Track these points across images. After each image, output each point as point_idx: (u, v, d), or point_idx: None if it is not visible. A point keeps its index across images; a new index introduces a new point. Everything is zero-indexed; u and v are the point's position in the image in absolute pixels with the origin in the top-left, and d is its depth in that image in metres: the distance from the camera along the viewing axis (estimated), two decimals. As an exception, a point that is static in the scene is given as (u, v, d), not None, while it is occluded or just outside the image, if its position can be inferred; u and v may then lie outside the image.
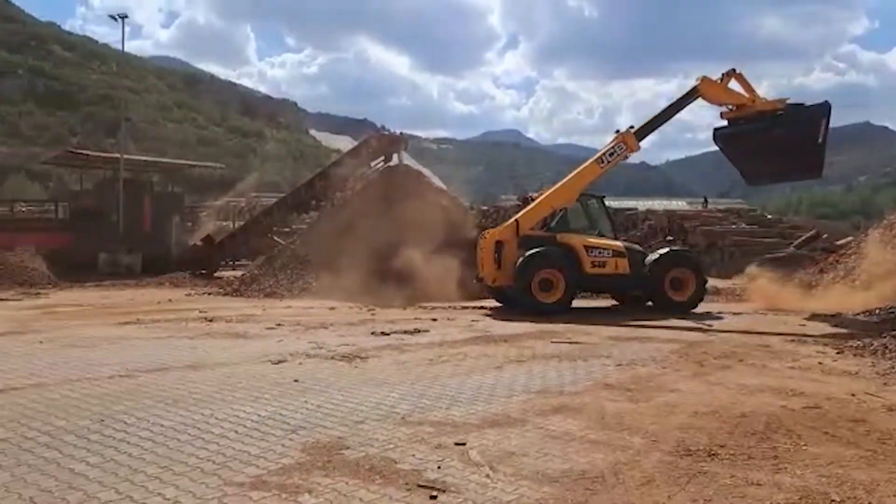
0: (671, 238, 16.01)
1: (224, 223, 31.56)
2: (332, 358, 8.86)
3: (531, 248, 13.58)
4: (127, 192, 24.78)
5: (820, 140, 14.13)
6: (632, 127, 14.80)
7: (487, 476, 4.65)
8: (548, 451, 5.18)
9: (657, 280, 13.96)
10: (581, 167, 14.92)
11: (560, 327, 11.54)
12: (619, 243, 14.42)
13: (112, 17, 26.72)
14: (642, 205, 46.16)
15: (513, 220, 14.43)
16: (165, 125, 79.56)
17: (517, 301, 13.71)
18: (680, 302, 13.91)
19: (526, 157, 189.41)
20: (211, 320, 12.54)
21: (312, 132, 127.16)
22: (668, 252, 14.55)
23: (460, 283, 15.70)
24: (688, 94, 14.70)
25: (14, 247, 20.88)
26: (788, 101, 14.56)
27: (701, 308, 14.07)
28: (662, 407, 6.47)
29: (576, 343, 10.00)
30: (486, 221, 20.57)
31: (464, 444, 5.31)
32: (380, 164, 21.70)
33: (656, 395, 6.91)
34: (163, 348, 9.69)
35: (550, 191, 14.75)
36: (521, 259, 13.52)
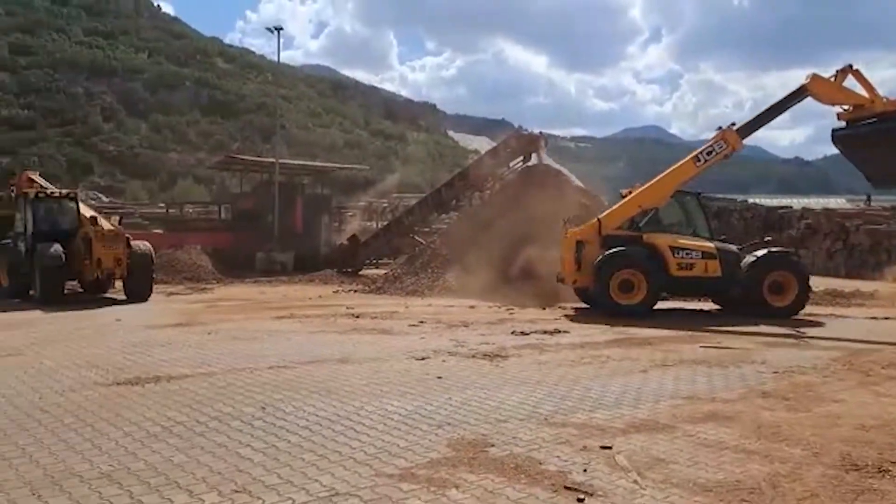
0: (769, 238, 14.52)
1: (368, 223, 32.80)
2: (474, 356, 8.99)
3: (613, 248, 13.15)
4: (281, 195, 26.27)
5: None
6: (733, 124, 13.95)
7: (636, 482, 4.57)
8: (699, 460, 5.01)
9: (755, 284, 13.09)
10: (676, 165, 14.16)
11: (708, 331, 11.08)
12: (710, 244, 13.55)
13: (268, 29, 28.41)
14: (798, 203, 43.32)
15: (595, 219, 13.95)
16: (315, 130, 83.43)
17: (596, 302, 13.38)
18: (779, 307, 12.97)
19: (668, 153, 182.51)
20: (357, 316, 13.05)
21: (451, 133, 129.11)
22: (766, 254, 13.57)
23: None
24: (795, 92, 13.67)
25: (183, 245, 22.76)
26: None
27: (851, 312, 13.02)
28: (824, 418, 6.07)
29: (726, 348, 9.56)
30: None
31: (610, 448, 5.24)
32: (519, 164, 21.72)
33: (817, 406, 6.49)
34: (315, 342, 10.22)
35: (640, 189, 14.13)
36: (599, 259, 13.13)
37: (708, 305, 14.91)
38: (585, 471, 4.79)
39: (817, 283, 17.18)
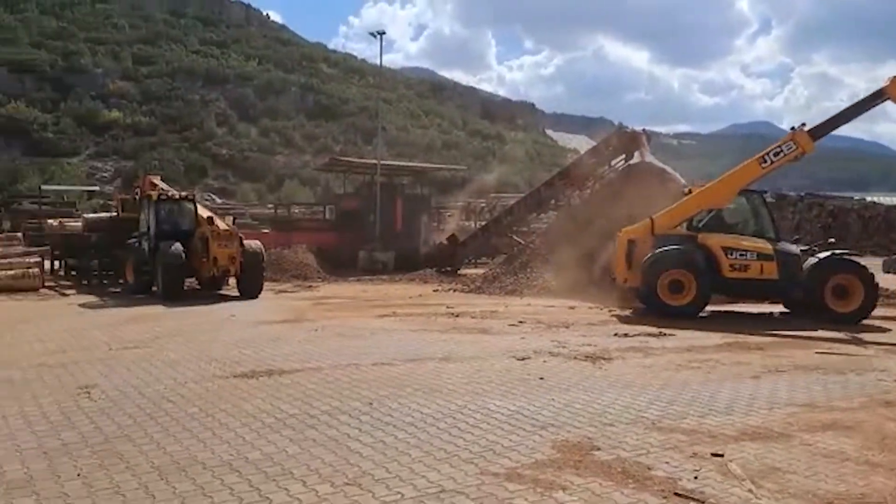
0: (833, 240, 13.51)
1: (466, 223, 32.99)
2: (576, 358, 8.91)
3: (664, 248, 12.82)
4: (382, 195, 26.82)
5: None
6: (804, 125, 13.28)
7: (750, 491, 4.43)
8: (818, 470, 4.80)
9: (816, 287, 12.46)
10: (739, 166, 13.70)
11: (824, 335, 10.54)
12: (766, 245, 12.96)
13: (371, 34, 29.02)
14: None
15: (648, 218, 13.57)
16: (414, 131, 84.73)
17: (644, 301, 13.08)
18: (843, 313, 12.28)
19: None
20: (457, 315, 13.17)
21: (549, 132, 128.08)
22: (829, 256, 12.89)
23: None
24: (874, 94, 13.13)
25: (290, 244, 23.62)
26: None
27: None
28: (958, 432, 5.67)
29: (844, 354, 9.08)
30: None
31: (721, 456, 5.09)
32: (620, 163, 21.29)
33: (949, 419, 6.07)
34: (417, 340, 10.39)
35: (701, 189, 13.67)
36: (647, 258, 12.83)
37: (771, 308, 14.31)
38: (696, 478, 4.67)
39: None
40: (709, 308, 13.31)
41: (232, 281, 17.13)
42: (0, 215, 33.50)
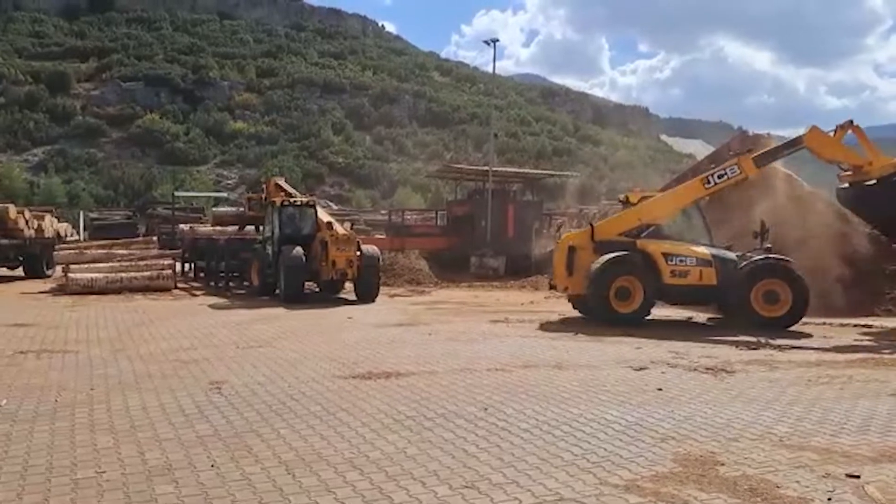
0: (770, 246, 12.41)
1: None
2: (696, 369, 8.62)
3: (606, 254, 12.57)
4: (493, 201, 26.91)
5: None
6: (750, 151, 13.18)
7: (891, 516, 4.15)
8: (970, 500, 4.43)
9: (745, 292, 12.26)
10: (683, 184, 13.71)
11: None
12: (705, 251, 12.73)
13: (485, 42, 29.32)
14: None
15: (588, 226, 13.39)
16: (525, 137, 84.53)
17: (594, 310, 12.75)
18: (770, 318, 12.14)
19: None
20: (568, 322, 13.03)
21: (663, 137, 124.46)
22: (760, 261, 12.50)
23: (840, 296, 14.03)
24: (793, 141, 13.30)
25: (404, 249, 24.12)
26: None
27: None
28: None
29: None
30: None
31: (858, 477, 4.80)
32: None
33: None
34: (529, 346, 10.36)
35: (643, 204, 13.31)
36: (598, 265, 12.47)
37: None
38: (829, 500, 4.43)
39: None
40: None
41: (349, 285, 17.62)
42: (137, 220, 36.09)
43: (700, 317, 14.06)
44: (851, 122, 13.27)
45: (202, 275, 21.35)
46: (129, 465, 4.97)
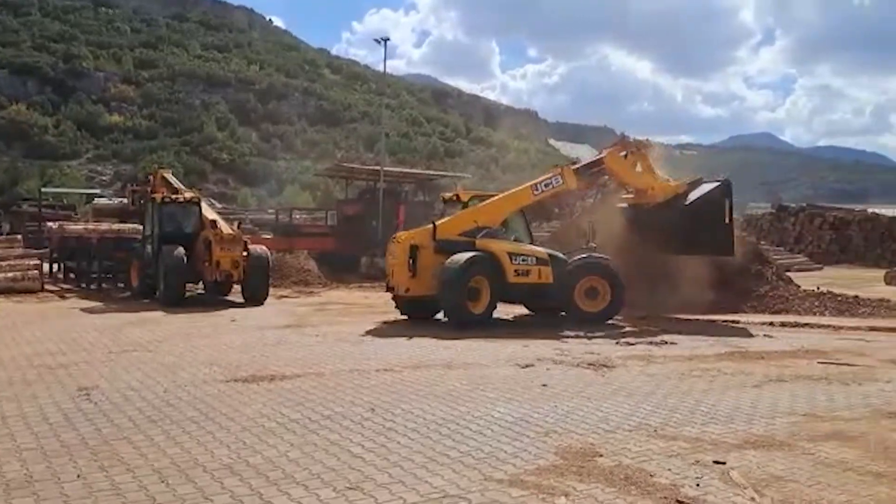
0: (594, 245, 13.90)
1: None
2: (579, 365, 8.89)
3: (451, 254, 12.50)
4: (385, 201, 26.83)
5: (727, 220, 13.95)
6: (574, 163, 14.30)
7: (752, 499, 4.41)
8: (821, 480, 4.79)
9: (570, 289, 12.97)
10: (514, 189, 14.38)
11: (828, 347, 10.53)
12: (542, 250, 13.31)
13: (376, 40, 29.26)
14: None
15: (430, 225, 13.40)
16: (416, 138, 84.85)
17: (448, 311, 12.63)
18: (591, 312, 12.97)
19: (780, 161, 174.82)
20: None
21: (551, 141, 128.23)
22: (582, 259, 13.29)
23: (711, 294, 14.88)
24: (597, 161, 14.30)
25: (293, 249, 23.59)
26: (687, 183, 14.40)
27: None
28: (961, 444, 5.66)
29: (847, 365, 9.05)
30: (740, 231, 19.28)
31: (723, 464, 5.08)
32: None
33: (953, 430, 6.05)
34: (420, 347, 10.37)
35: (477, 207, 13.80)
36: (455, 265, 12.28)
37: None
38: (698, 485, 4.66)
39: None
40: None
41: (237, 286, 16.98)
42: (1, 217, 33.54)
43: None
44: (639, 147, 14.70)
45: (72, 276, 20.11)
46: (-17, 480, 4.59)
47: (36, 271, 17.88)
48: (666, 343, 10.77)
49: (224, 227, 16.45)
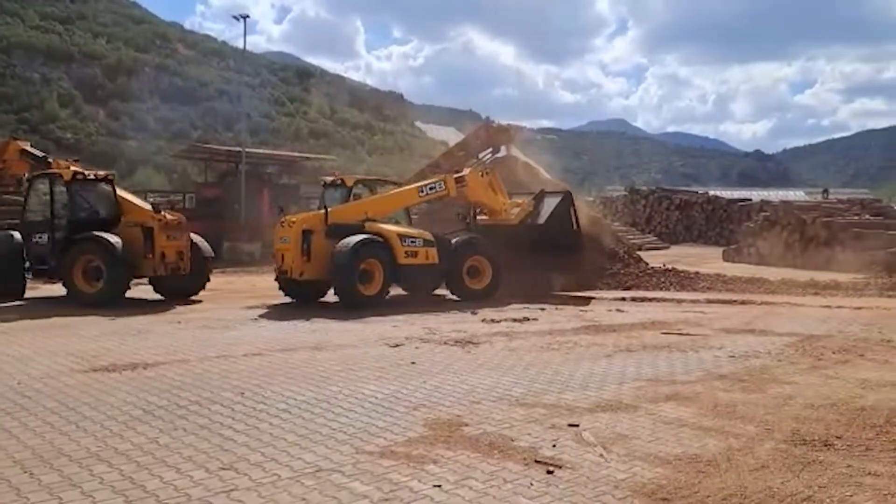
0: (469, 223, 15.41)
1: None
2: (446, 343, 9.24)
3: (341, 238, 12.81)
4: (248, 184, 26.19)
5: (575, 227, 15.25)
6: (458, 171, 15.36)
7: (601, 456, 4.87)
8: (660, 436, 5.34)
9: (457, 268, 14.00)
10: (402, 188, 15.50)
11: (671, 318, 11.51)
12: (427, 233, 13.97)
13: (235, 17, 28.42)
14: (757, 195, 44.49)
15: (321, 210, 13.82)
16: (279, 118, 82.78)
17: (340, 295, 12.81)
18: (475, 290, 14.09)
19: (633, 146, 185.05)
20: (328, 304, 13.20)
21: (418, 124, 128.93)
22: (464, 239, 14.38)
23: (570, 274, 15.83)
24: (461, 178, 14.96)
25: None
26: (532, 199, 15.38)
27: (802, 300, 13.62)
28: (777, 398, 6.46)
29: (686, 335, 9.97)
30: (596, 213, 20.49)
31: (577, 426, 5.54)
32: (488, 156, 21.95)
33: (771, 387, 6.88)
34: (287, 330, 10.38)
35: (367, 200, 14.69)
36: (345, 249, 12.56)
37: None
38: (555, 446, 5.08)
39: (774, 273, 17.87)
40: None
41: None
42: None
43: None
44: (492, 169, 16.23)
45: None
46: None
47: None
48: (528, 320, 11.36)
49: (166, 213, 14.35)
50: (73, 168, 14.41)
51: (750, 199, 38.89)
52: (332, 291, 13.11)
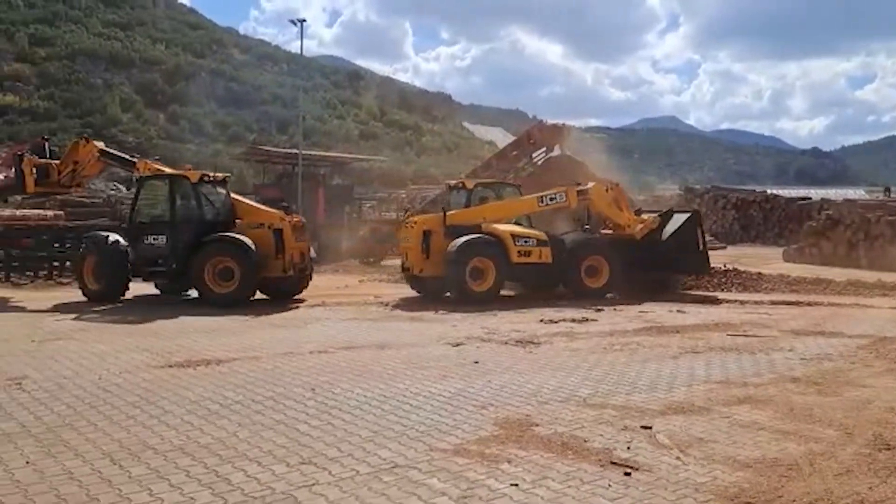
0: (587, 227, 15.35)
1: (386, 214, 33.05)
2: (507, 343, 9.25)
3: (458, 237, 13.62)
4: (303, 185, 26.60)
5: (700, 247, 15.13)
6: (579, 184, 15.29)
7: (678, 458, 4.82)
8: (737, 439, 5.25)
9: (574, 268, 14.20)
10: (523, 198, 15.52)
11: (735, 320, 11.29)
12: (541, 233, 14.42)
13: (292, 21, 28.86)
14: (815, 193, 43.30)
15: (441, 212, 14.59)
16: (331, 121, 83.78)
17: (452, 289, 13.63)
18: (595, 288, 14.24)
19: (685, 144, 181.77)
20: (386, 304, 13.35)
21: (465, 124, 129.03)
22: (583, 239, 14.71)
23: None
24: (581, 192, 14.97)
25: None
26: (658, 216, 15.40)
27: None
28: (854, 402, 6.28)
29: (754, 336, 9.77)
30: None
31: (650, 428, 5.49)
32: (541, 156, 21.90)
33: (846, 390, 6.71)
34: (351, 329, 10.53)
35: (486, 206, 15.20)
36: (455, 247, 13.43)
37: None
38: (629, 448, 5.04)
39: (839, 274, 17.35)
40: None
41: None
42: None
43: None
44: (617, 184, 15.80)
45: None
46: (-74, 470, 4.49)
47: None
48: (587, 320, 11.28)
49: (293, 215, 14.61)
50: (155, 167, 14.79)
51: (809, 198, 37.86)
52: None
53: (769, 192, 40.24)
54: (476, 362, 7.99)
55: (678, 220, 15.42)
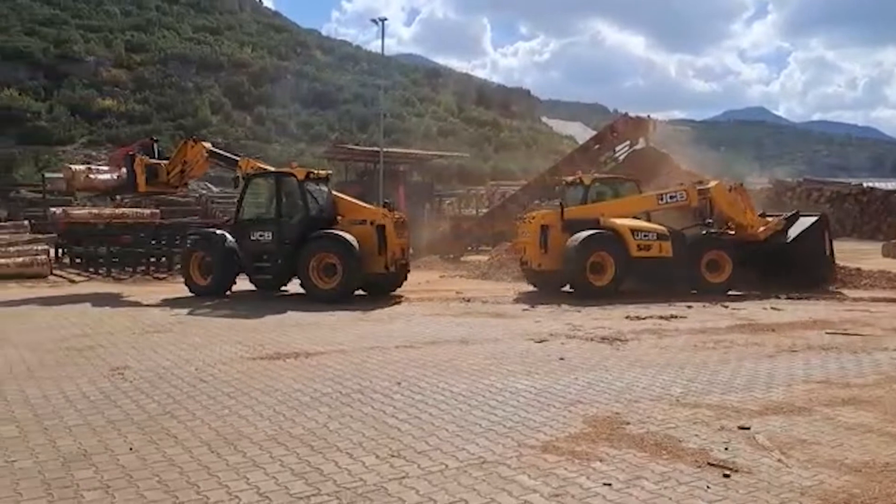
0: (710, 221, 14.76)
1: (466, 210, 33.12)
2: (592, 340, 9.08)
3: (576, 231, 13.78)
4: (385, 182, 26.93)
5: (827, 253, 14.76)
6: (700, 182, 15.12)
7: (780, 461, 4.61)
8: (842, 442, 4.99)
9: (695, 262, 14.02)
10: (642, 195, 15.47)
11: (834, 317, 10.76)
12: (661, 227, 14.30)
13: (373, 20, 29.24)
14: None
15: (559, 208, 14.64)
16: (409, 118, 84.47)
17: (572, 283, 13.89)
18: (714, 283, 14.00)
19: (774, 135, 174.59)
20: (468, 300, 13.34)
21: (544, 119, 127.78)
22: (705, 234, 14.50)
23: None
24: (703, 191, 14.79)
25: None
26: (783, 218, 15.16)
27: None
28: (973, 406, 5.87)
29: (856, 335, 9.28)
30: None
31: (748, 429, 5.27)
32: (625, 149, 21.44)
33: (963, 394, 6.27)
34: (434, 324, 10.56)
35: (604, 203, 15.09)
36: (575, 242, 13.58)
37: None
38: (727, 449, 4.86)
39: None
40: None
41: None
42: (-4, 204, 33.42)
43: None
44: (741, 184, 15.77)
45: (79, 260, 20.17)
46: (41, 452, 4.74)
47: (44, 256, 17.94)
48: (675, 317, 10.97)
49: (395, 212, 14.55)
50: (256, 165, 14.95)
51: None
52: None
53: (865, 184, 38.20)
54: (561, 359, 7.88)
55: (804, 223, 15.01)
